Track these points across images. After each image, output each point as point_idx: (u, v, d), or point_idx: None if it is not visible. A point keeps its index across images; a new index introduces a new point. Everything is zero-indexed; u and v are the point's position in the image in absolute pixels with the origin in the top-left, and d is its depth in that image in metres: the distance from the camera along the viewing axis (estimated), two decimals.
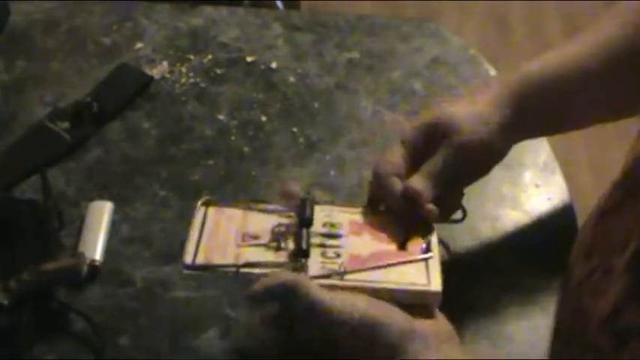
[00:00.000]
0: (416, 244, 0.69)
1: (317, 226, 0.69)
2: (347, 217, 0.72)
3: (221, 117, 0.90)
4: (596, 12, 1.21)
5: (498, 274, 0.78)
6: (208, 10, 1.01)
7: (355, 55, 0.98)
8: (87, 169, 0.85)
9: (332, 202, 0.73)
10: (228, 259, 0.66)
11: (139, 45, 0.97)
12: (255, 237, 0.69)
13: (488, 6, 2.39)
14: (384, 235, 0.70)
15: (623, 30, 0.74)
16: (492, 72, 0.97)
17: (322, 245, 0.68)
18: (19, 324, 0.69)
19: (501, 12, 2.37)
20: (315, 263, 0.66)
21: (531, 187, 0.86)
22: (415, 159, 0.72)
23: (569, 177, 0.88)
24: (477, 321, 0.74)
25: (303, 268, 0.65)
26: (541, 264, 0.79)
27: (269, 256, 0.67)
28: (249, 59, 0.96)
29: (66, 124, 0.87)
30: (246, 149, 0.88)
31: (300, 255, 0.66)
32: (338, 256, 0.67)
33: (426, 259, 0.67)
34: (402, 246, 0.69)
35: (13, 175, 0.83)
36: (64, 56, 0.95)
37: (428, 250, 0.68)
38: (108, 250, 0.78)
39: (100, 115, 0.88)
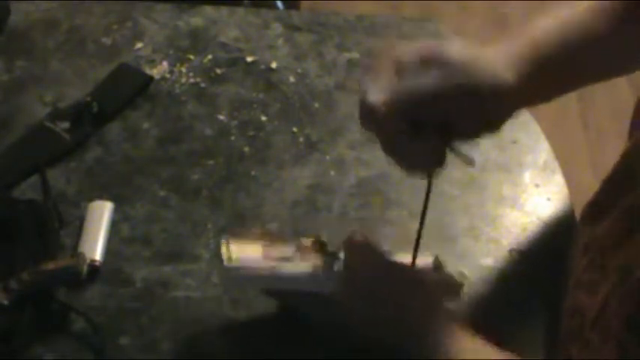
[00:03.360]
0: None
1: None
2: None
3: (221, 117, 0.90)
4: None
5: (498, 274, 0.78)
6: (208, 10, 1.01)
7: (355, 55, 0.98)
8: (87, 169, 0.85)
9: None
10: (261, 264, 0.68)
11: (139, 45, 0.97)
12: (281, 254, 0.70)
13: (488, 6, 2.38)
14: None
15: None
16: None
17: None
18: (19, 324, 0.69)
19: (501, 12, 2.36)
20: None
21: (531, 187, 0.86)
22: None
23: (569, 177, 0.88)
24: (476, 321, 0.74)
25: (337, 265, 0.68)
26: (541, 264, 0.79)
27: (298, 265, 0.68)
28: (249, 59, 0.96)
29: (66, 124, 0.87)
30: (246, 149, 0.88)
31: (331, 256, 0.69)
32: None
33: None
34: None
35: (13, 175, 0.83)
36: (64, 56, 0.95)
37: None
38: (108, 250, 0.78)
39: (100, 115, 0.88)
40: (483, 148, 0.89)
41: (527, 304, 0.76)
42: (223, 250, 0.69)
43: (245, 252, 0.69)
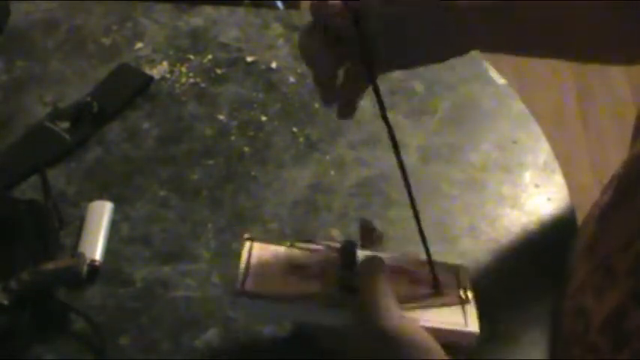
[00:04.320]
0: (451, 287, 0.69)
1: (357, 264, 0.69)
2: (386, 260, 0.72)
3: (221, 117, 0.90)
4: None
5: (498, 274, 0.78)
6: (208, 10, 1.01)
7: None
8: (87, 169, 0.85)
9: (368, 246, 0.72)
10: (277, 287, 0.66)
11: (139, 45, 0.97)
12: (301, 268, 0.68)
13: None
14: (420, 280, 0.70)
15: None
16: (492, 71, 0.97)
17: None
18: (19, 324, 0.69)
19: None
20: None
21: (531, 187, 0.86)
22: None
23: (569, 177, 0.88)
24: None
25: (350, 303, 0.64)
26: (541, 264, 0.79)
27: (316, 287, 0.66)
28: (249, 59, 0.96)
29: (66, 124, 0.87)
30: (246, 149, 0.88)
31: (347, 290, 0.65)
32: None
33: (462, 304, 0.68)
34: (438, 289, 0.69)
35: (13, 175, 0.83)
36: (64, 56, 0.95)
37: (465, 295, 0.69)
38: (108, 250, 0.78)
39: (100, 115, 0.88)
40: (484, 148, 0.89)
41: (527, 304, 0.76)
42: (244, 251, 0.68)
43: (266, 260, 0.68)
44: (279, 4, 1.47)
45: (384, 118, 0.61)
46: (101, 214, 0.80)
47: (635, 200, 0.61)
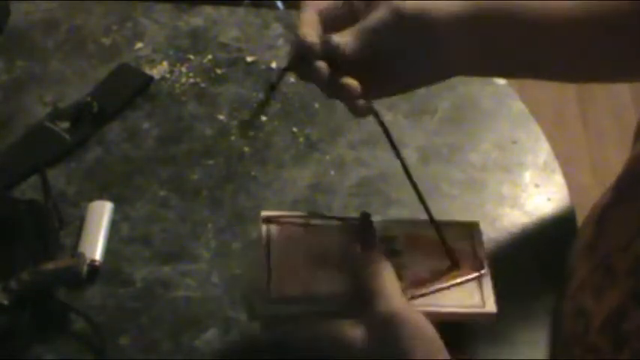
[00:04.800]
0: (466, 257, 0.69)
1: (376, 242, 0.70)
2: (401, 229, 0.72)
3: (221, 117, 0.90)
4: None
5: (498, 274, 0.78)
6: (208, 10, 1.01)
7: None
8: (87, 169, 0.85)
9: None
10: (301, 288, 0.66)
11: (139, 45, 0.96)
12: (323, 258, 0.68)
13: None
14: (436, 248, 0.70)
15: None
16: None
17: None
18: (19, 324, 0.69)
19: None
20: None
21: (531, 187, 0.86)
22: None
23: (569, 177, 0.88)
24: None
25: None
26: (541, 264, 0.79)
27: (339, 283, 0.66)
28: (249, 59, 0.96)
29: (66, 124, 0.87)
30: (246, 149, 0.88)
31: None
32: (399, 277, 0.67)
33: (479, 278, 0.68)
34: (454, 259, 0.69)
35: (13, 175, 0.83)
36: (64, 56, 0.95)
37: (481, 267, 0.68)
38: (108, 250, 0.78)
39: (100, 115, 0.88)
40: (483, 148, 0.89)
41: (528, 304, 0.76)
42: (262, 231, 0.68)
43: (287, 250, 0.68)
44: (279, 4, 1.47)
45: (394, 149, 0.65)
46: (101, 214, 0.80)
47: (635, 200, 0.61)
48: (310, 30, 0.64)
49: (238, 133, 0.87)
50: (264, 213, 0.72)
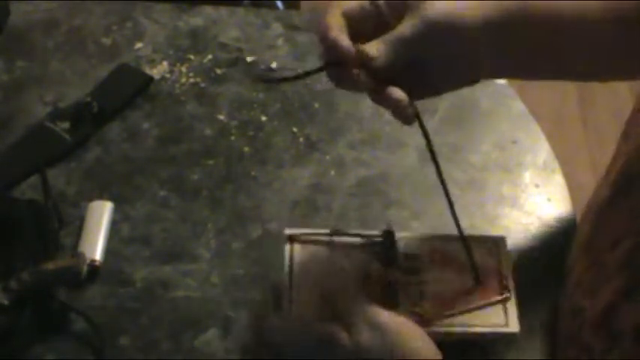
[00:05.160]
0: (491, 275, 0.69)
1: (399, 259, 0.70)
2: (424, 245, 0.72)
3: (221, 117, 0.90)
4: None
5: None
6: (208, 10, 1.01)
7: None
8: (87, 169, 0.85)
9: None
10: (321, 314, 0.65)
11: (139, 45, 0.96)
12: (343, 272, 0.69)
13: None
14: (460, 265, 0.70)
15: None
16: None
17: (406, 283, 0.69)
18: (19, 324, 0.69)
19: None
20: (402, 310, 0.66)
21: (531, 187, 0.86)
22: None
23: (569, 177, 0.88)
24: None
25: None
26: (541, 264, 0.79)
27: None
28: (249, 59, 0.96)
29: (66, 124, 0.87)
30: (246, 149, 0.88)
31: (388, 296, 0.67)
32: (421, 296, 0.67)
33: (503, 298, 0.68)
34: (478, 278, 0.69)
35: (13, 175, 0.83)
36: (64, 56, 0.95)
37: (506, 288, 0.68)
38: (108, 250, 0.78)
39: (100, 115, 0.88)
40: (483, 148, 0.89)
41: (527, 304, 0.76)
42: (286, 251, 0.68)
43: (309, 258, 0.67)
44: (279, 4, 1.47)
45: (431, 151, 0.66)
46: (101, 214, 0.80)
47: (628, 198, 0.61)
48: (340, 34, 0.64)
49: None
50: (288, 231, 0.72)
